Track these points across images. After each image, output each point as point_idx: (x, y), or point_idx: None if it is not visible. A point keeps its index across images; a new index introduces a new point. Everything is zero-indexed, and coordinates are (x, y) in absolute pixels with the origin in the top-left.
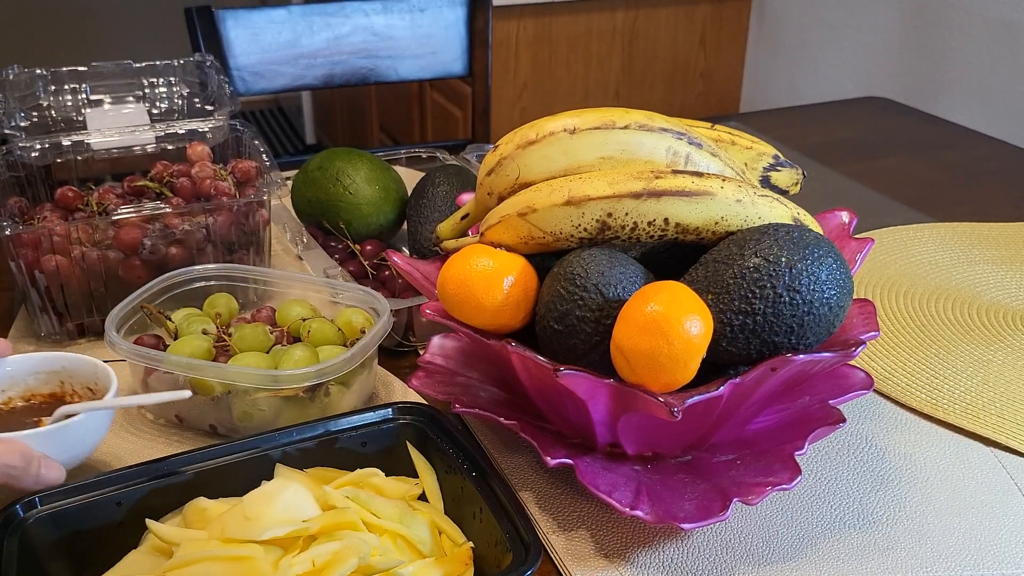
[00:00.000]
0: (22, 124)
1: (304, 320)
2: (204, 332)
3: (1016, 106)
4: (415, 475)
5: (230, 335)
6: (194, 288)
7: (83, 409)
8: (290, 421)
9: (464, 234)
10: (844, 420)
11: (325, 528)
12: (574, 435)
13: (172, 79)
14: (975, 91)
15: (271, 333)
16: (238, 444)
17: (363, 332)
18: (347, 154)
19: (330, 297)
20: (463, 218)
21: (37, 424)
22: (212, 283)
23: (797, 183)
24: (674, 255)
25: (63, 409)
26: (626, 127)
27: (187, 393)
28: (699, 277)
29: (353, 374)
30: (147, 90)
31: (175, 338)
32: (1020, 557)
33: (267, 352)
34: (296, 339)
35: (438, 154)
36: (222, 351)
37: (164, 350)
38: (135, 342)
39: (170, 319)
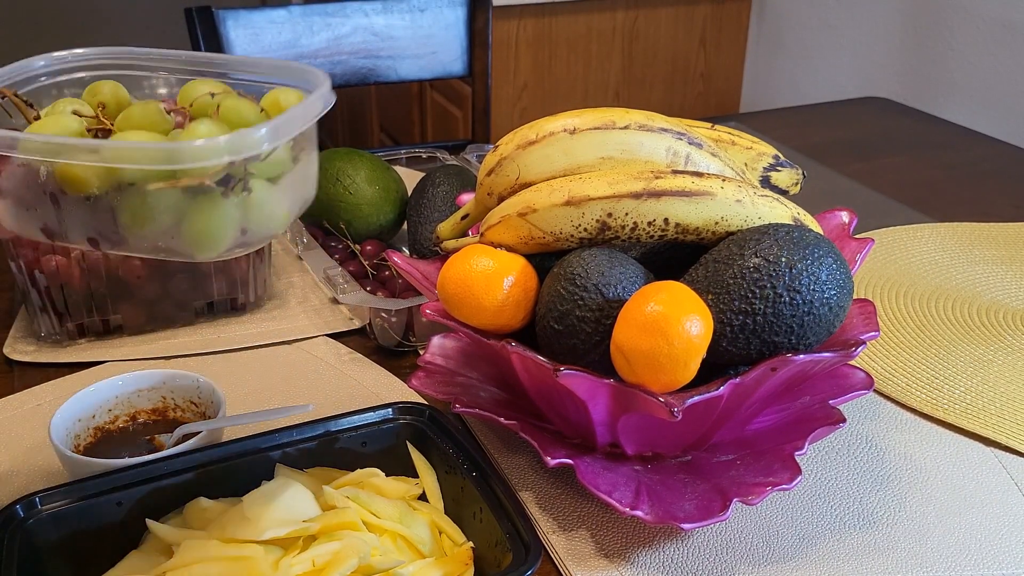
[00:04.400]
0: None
1: (213, 95)
2: (76, 113)
3: (1016, 106)
4: (415, 475)
5: (96, 120)
6: (74, 78)
7: (203, 428)
8: (200, 226)
9: (464, 234)
10: (844, 420)
11: (325, 528)
12: (574, 435)
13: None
14: (975, 91)
15: (169, 114)
16: (238, 444)
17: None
18: (347, 154)
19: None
20: (463, 218)
21: (151, 442)
22: (98, 73)
23: (797, 183)
24: (674, 255)
25: (183, 429)
26: (626, 127)
27: (310, 406)
28: (699, 277)
29: (281, 165)
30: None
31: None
32: (1020, 557)
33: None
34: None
35: (438, 154)
36: (100, 136)
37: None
38: None
39: (32, 106)
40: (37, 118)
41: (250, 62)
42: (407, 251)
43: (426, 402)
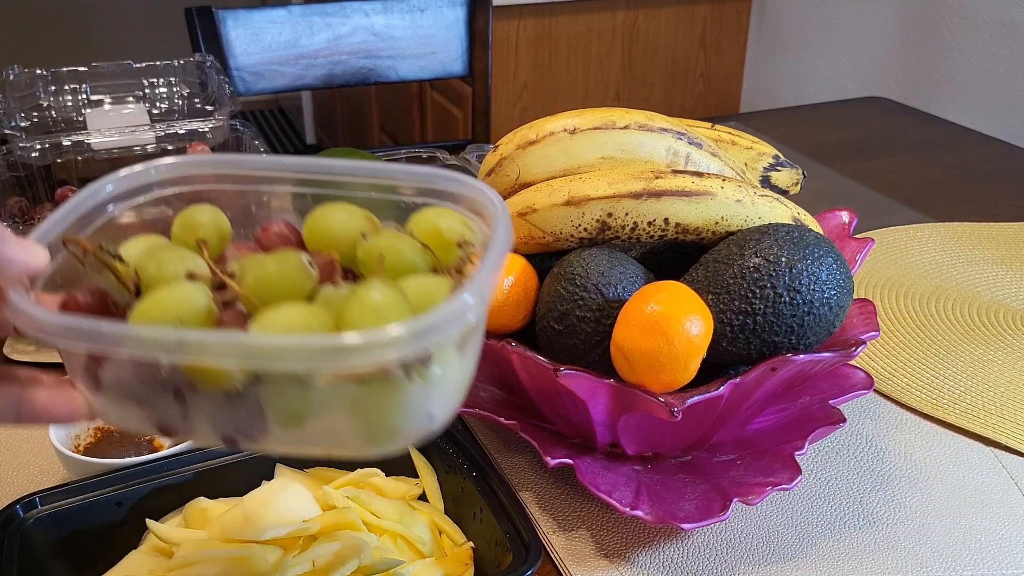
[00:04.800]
0: (22, 124)
1: (364, 236)
2: (191, 276)
3: (1017, 106)
4: (415, 475)
5: (233, 275)
6: (150, 199)
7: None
8: (376, 417)
9: None
10: (844, 420)
11: (325, 528)
12: (574, 435)
13: (172, 79)
14: (975, 91)
15: (310, 265)
16: None
17: (462, 247)
18: (347, 154)
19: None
20: None
21: (151, 442)
22: (170, 190)
23: (797, 183)
24: (674, 255)
25: None
26: (626, 127)
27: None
28: (699, 277)
29: (470, 330)
30: (147, 90)
31: (136, 292)
32: (1020, 557)
33: (310, 300)
34: (350, 273)
35: (438, 154)
36: (229, 308)
37: (122, 316)
38: (64, 304)
39: (120, 258)
40: (119, 259)
41: (374, 170)
42: None
43: None
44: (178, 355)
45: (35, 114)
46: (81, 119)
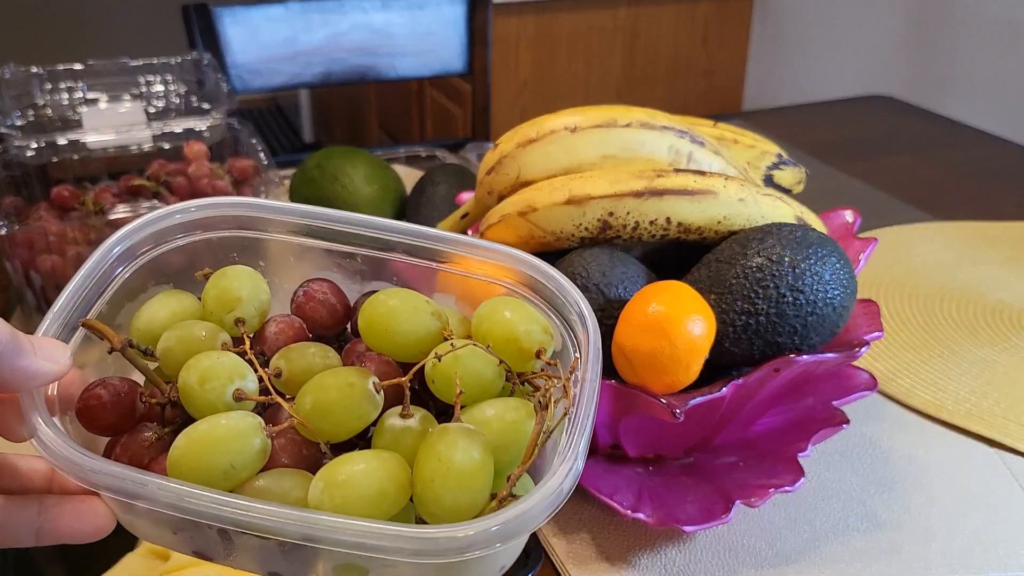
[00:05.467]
0: (18, 123)
1: (438, 358)
2: (239, 397)
3: (1022, 104)
4: None
5: (280, 374)
6: (172, 251)
7: None
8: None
9: (464, 233)
10: (848, 421)
11: None
12: None
13: (169, 77)
14: (980, 90)
15: (376, 392)
16: None
17: (539, 355)
18: (345, 153)
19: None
20: (463, 217)
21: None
22: (191, 238)
23: (800, 182)
24: (676, 254)
25: None
26: (628, 125)
27: None
28: (701, 277)
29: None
30: (144, 88)
31: (170, 402)
32: None
33: (369, 434)
34: (421, 391)
35: (437, 153)
36: (282, 436)
37: (153, 418)
38: (85, 402)
39: (153, 354)
40: (151, 355)
41: (431, 236)
42: None
43: None
44: (232, 527)
45: (31, 112)
46: (77, 117)
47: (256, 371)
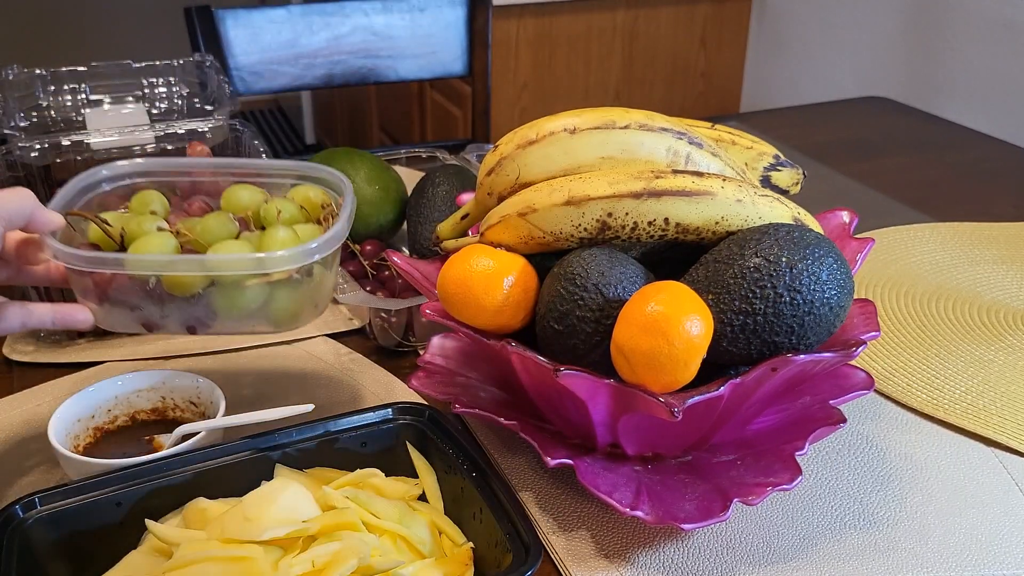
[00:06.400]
0: (22, 124)
1: (266, 201)
2: (160, 228)
3: (1017, 106)
4: (415, 475)
5: (178, 233)
6: (115, 189)
7: (203, 428)
8: (284, 305)
9: (464, 234)
10: (845, 420)
11: (325, 529)
12: (574, 435)
13: (172, 79)
14: (976, 91)
15: (233, 220)
16: (238, 444)
17: (324, 208)
18: (347, 154)
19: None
20: (463, 218)
21: (150, 443)
22: (124, 183)
23: (798, 183)
24: (674, 255)
25: (182, 429)
26: (626, 127)
27: (309, 406)
28: (699, 277)
29: (334, 253)
30: (147, 90)
31: (121, 244)
32: (1021, 557)
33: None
34: (258, 226)
35: (438, 154)
36: (185, 249)
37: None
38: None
39: (107, 222)
40: (107, 223)
41: (274, 166)
42: (407, 251)
43: (426, 402)
44: (163, 271)
45: (34, 114)
46: (80, 119)
47: (167, 223)
